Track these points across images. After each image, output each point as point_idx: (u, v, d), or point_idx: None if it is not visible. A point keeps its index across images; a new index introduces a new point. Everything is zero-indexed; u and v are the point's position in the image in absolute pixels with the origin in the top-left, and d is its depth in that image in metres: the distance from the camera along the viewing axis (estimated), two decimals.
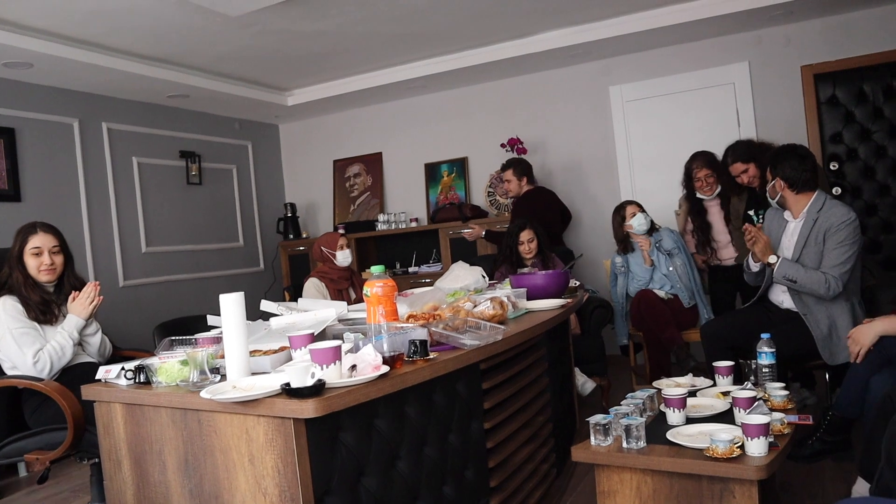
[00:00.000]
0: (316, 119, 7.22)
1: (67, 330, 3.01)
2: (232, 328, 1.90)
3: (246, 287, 6.41)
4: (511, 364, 2.70)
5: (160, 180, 6.02)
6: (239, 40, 4.90)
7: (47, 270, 3.05)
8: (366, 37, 5.11)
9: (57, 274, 3.09)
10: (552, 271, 3.85)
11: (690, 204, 4.56)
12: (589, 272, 5.61)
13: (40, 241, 3.05)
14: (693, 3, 4.95)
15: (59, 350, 2.95)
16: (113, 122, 5.61)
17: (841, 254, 3.31)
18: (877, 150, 5.15)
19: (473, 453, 2.35)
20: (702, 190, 4.45)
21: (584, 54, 5.69)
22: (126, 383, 2.10)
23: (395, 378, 1.88)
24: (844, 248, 3.31)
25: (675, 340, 4.17)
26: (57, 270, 3.09)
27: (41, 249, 3.04)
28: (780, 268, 3.41)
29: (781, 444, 2.21)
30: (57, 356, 2.95)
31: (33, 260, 3.04)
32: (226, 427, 1.80)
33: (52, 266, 3.06)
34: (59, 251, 3.10)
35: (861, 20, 5.11)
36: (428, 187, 6.64)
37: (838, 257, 3.31)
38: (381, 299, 2.25)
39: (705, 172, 4.42)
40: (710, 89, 5.59)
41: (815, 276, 3.32)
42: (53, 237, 3.08)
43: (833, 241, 3.34)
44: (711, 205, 4.50)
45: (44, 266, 3.04)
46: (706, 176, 4.42)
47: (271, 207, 7.17)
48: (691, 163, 4.51)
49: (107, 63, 4.82)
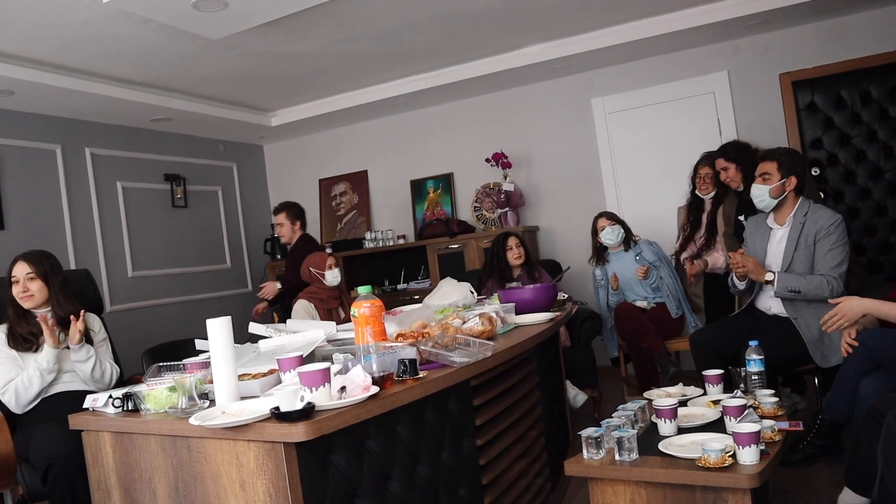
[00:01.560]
0: (300, 139, 7.22)
1: (38, 362, 3.00)
2: (220, 353, 1.90)
3: (234, 308, 6.41)
4: (502, 380, 2.70)
5: (145, 204, 6.00)
6: (221, 63, 4.91)
7: (24, 297, 3.08)
8: (347, 56, 5.13)
9: (36, 301, 3.10)
10: (540, 285, 3.86)
11: (693, 199, 4.59)
12: (577, 284, 5.62)
13: (17, 270, 3.11)
14: (671, 14, 5.01)
15: (26, 382, 2.97)
16: (96, 147, 5.59)
17: (835, 255, 3.35)
18: (856, 155, 5.20)
19: (466, 471, 2.34)
20: (700, 188, 4.48)
21: (566, 68, 5.74)
22: (114, 411, 2.09)
23: (385, 398, 1.87)
24: (838, 249, 3.36)
25: (655, 348, 4.18)
26: (35, 297, 3.10)
27: (18, 278, 3.09)
28: (779, 283, 3.39)
29: (773, 451, 2.22)
30: (24, 388, 2.96)
31: (14, 288, 3.11)
32: (216, 453, 1.79)
33: (26, 292, 3.08)
34: (34, 278, 3.11)
35: (837, 27, 5.18)
36: (414, 204, 6.65)
37: (833, 259, 3.35)
38: (368, 319, 2.25)
39: (706, 171, 4.44)
40: (691, 99, 5.65)
41: (815, 281, 3.33)
42: (28, 265, 3.10)
43: (826, 244, 3.37)
44: (707, 207, 4.50)
45: (20, 294, 3.08)
46: (706, 174, 4.44)
47: (258, 228, 7.15)
48: (699, 161, 4.54)
49: (88, 88, 4.82)
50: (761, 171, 3.51)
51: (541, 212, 6.19)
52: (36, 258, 3.16)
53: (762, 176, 3.50)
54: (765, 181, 3.49)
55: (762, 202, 3.55)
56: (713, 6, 4.90)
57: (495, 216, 6.07)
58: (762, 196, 3.52)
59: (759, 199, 3.55)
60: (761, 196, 3.52)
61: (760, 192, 3.51)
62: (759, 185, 3.51)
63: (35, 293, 3.10)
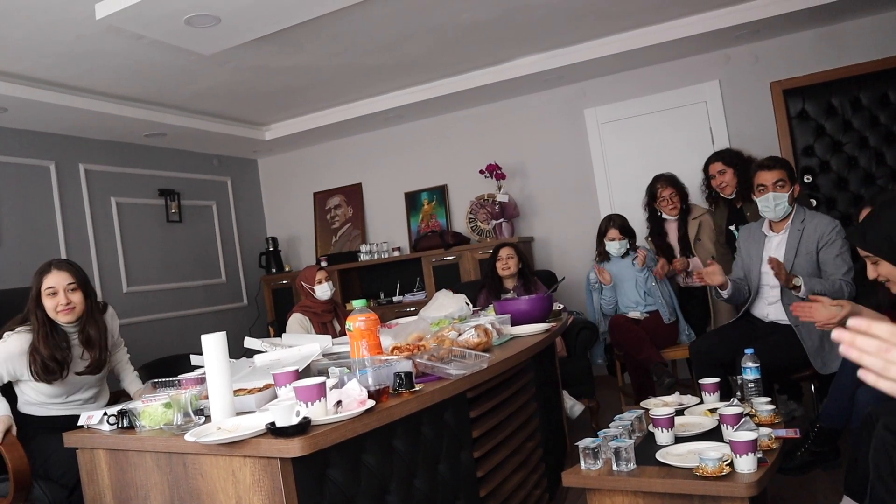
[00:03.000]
0: (294, 152, 7.23)
1: None
2: (215, 369, 1.89)
3: (230, 323, 6.39)
4: (498, 391, 2.69)
5: (140, 219, 5.99)
6: (214, 77, 4.91)
7: (64, 311, 2.82)
8: (341, 70, 5.14)
9: (77, 314, 2.86)
10: (535, 296, 3.86)
11: (652, 225, 4.67)
12: (573, 295, 5.62)
13: (54, 280, 2.82)
14: (662, 24, 5.03)
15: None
16: (90, 163, 5.59)
17: (844, 261, 3.41)
18: (848, 162, 5.23)
19: (464, 483, 2.33)
20: (666, 209, 4.54)
21: (558, 79, 5.76)
22: (109, 429, 2.08)
23: (381, 412, 1.87)
24: (845, 254, 3.42)
25: (651, 359, 4.18)
26: (76, 310, 2.86)
27: (56, 289, 2.81)
28: (806, 287, 3.35)
29: (770, 459, 2.22)
30: None
31: (50, 301, 2.82)
32: (212, 469, 1.78)
33: (69, 305, 2.82)
34: (76, 288, 2.86)
35: (827, 36, 5.21)
36: (409, 216, 6.65)
37: (842, 265, 3.40)
38: (363, 333, 2.25)
39: (670, 191, 4.52)
40: (683, 108, 5.67)
41: (835, 286, 3.34)
42: (69, 274, 2.85)
43: (832, 249, 3.41)
44: (671, 228, 4.61)
45: (60, 307, 2.81)
46: (671, 195, 4.52)
47: (253, 242, 7.15)
48: (654, 183, 4.62)
49: (81, 104, 4.81)
50: (776, 179, 3.49)
51: (535, 222, 6.20)
52: (74, 266, 2.90)
53: (777, 183, 3.49)
54: (781, 188, 3.50)
55: (782, 209, 3.52)
56: (704, 16, 4.93)
57: (490, 227, 6.08)
58: (783, 203, 3.51)
59: (781, 207, 3.51)
60: (782, 203, 3.51)
61: (781, 199, 3.50)
62: (777, 193, 3.49)
63: (77, 305, 2.84)
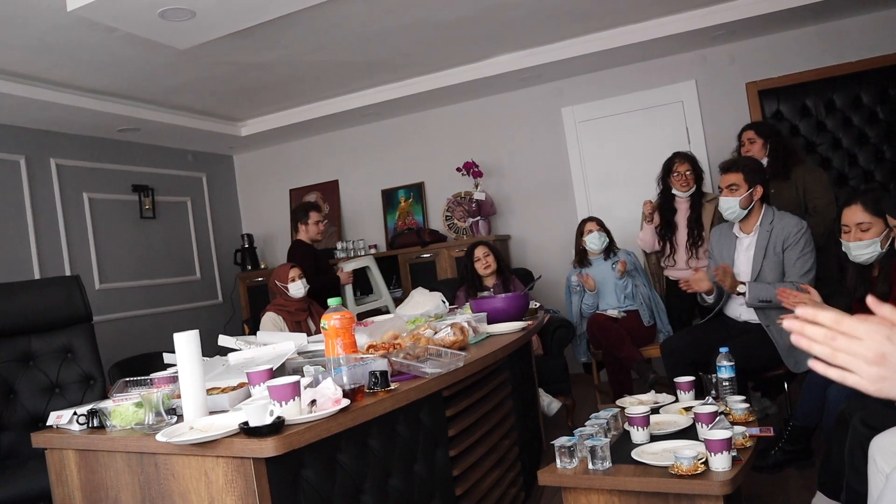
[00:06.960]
0: (270, 148, 7.17)
1: None
2: (187, 368, 1.86)
3: (204, 320, 6.33)
4: (474, 389, 2.69)
5: (112, 215, 5.90)
6: (189, 72, 4.85)
7: None
8: (317, 66, 5.10)
9: None
10: (512, 294, 3.86)
11: (663, 200, 4.47)
12: (549, 293, 5.63)
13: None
14: (639, 24, 5.06)
15: None
16: (61, 157, 5.49)
17: (804, 262, 3.43)
18: (822, 162, 5.28)
19: (440, 482, 2.32)
20: (678, 184, 4.36)
21: (536, 77, 5.77)
22: (79, 428, 2.03)
23: (356, 411, 1.85)
24: (806, 256, 3.44)
25: (633, 357, 4.19)
26: None
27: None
28: (751, 294, 3.45)
29: (744, 457, 2.23)
30: None
31: None
32: (184, 470, 1.75)
33: None
34: None
35: (801, 38, 5.27)
36: (386, 213, 6.63)
37: (803, 266, 3.43)
38: (338, 331, 2.23)
39: (686, 167, 4.35)
40: (660, 108, 5.71)
41: None
42: None
43: (794, 252, 3.44)
44: (682, 207, 4.41)
45: None
46: (686, 171, 4.34)
47: (228, 239, 7.08)
48: (672, 158, 4.42)
49: (53, 98, 4.73)
50: (728, 183, 3.54)
51: (512, 220, 6.21)
52: None
53: (729, 187, 3.53)
54: (732, 192, 3.53)
55: (732, 213, 3.58)
56: (681, 16, 4.96)
57: (467, 225, 6.07)
58: (732, 207, 3.55)
59: (730, 211, 3.58)
60: (731, 208, 3.56)
61: (730, 203, 3.55)
62: (727, 197, 3.55)
63: None
